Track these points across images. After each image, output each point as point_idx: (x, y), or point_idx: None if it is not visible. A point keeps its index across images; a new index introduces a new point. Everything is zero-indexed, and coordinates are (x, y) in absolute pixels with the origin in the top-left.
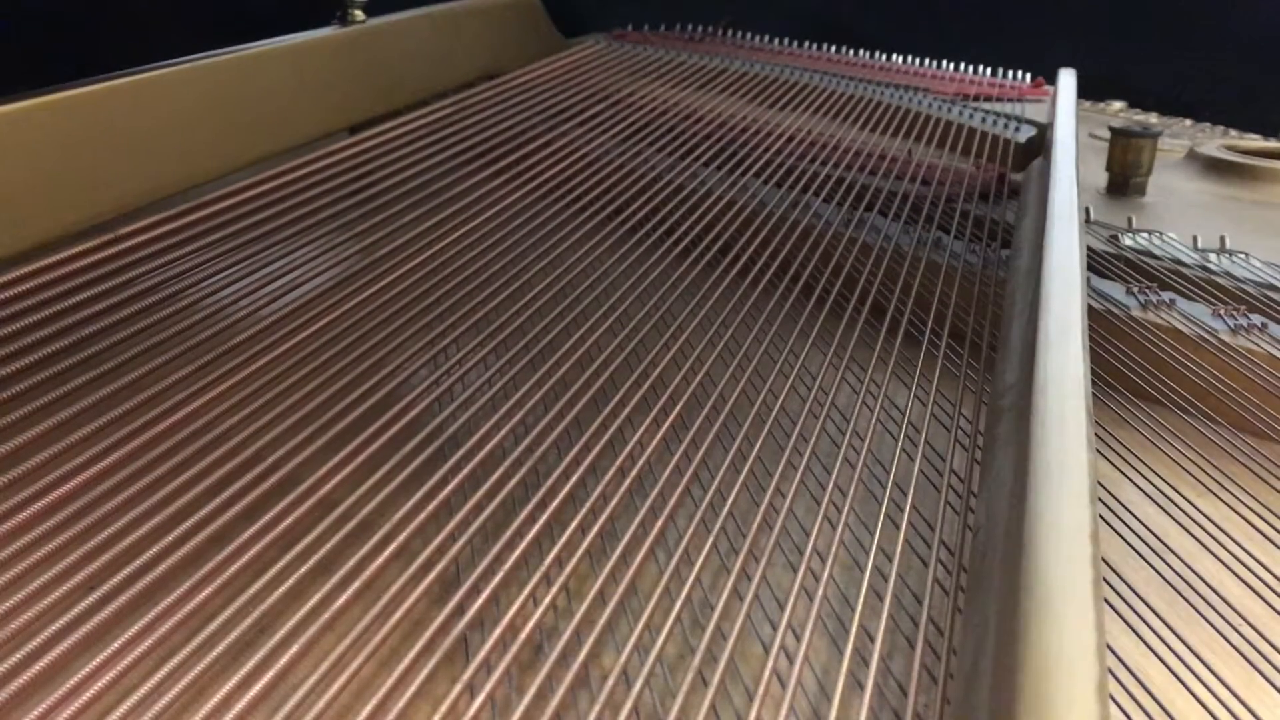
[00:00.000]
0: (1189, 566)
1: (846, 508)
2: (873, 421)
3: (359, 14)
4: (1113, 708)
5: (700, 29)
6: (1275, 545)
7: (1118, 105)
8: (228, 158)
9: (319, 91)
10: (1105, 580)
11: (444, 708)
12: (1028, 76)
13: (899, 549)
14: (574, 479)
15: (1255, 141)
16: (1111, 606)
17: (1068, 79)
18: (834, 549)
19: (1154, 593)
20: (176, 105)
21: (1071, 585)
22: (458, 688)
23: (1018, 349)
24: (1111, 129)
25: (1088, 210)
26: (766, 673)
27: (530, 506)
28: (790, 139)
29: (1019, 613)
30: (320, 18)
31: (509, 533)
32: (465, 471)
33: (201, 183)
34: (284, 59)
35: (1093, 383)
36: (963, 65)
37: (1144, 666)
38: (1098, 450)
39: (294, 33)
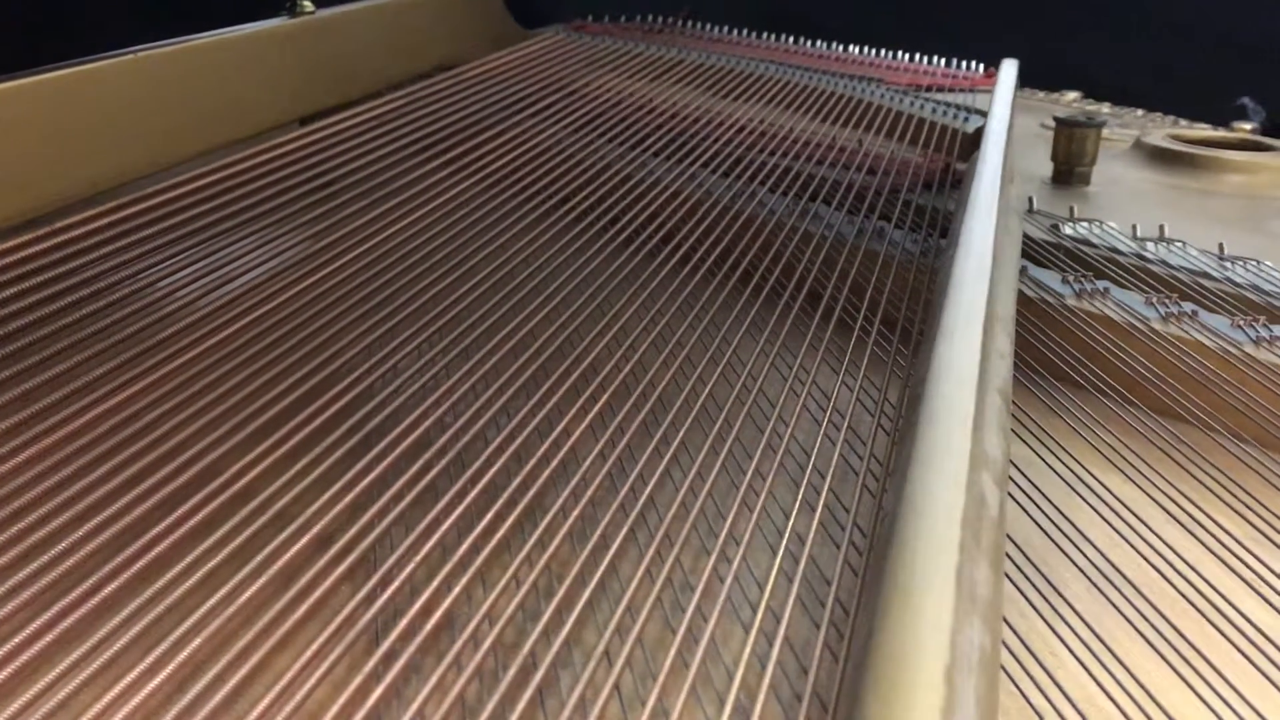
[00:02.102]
0: (1103, 555)
1: (765, 492)
2: (798, 407)
3: (308, 4)
4: (1020, 692)
5: (660, 20)
6: (1193, 533)
7: (1072, 95)
8: (172, 150)
9: (267, 83)
10: (1021, 569)
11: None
12: (981, 67)
13: (812, 532)
14: (497, 466)
15: (1202, 131)
16: (1023, 594)
17: (1009, 69)
18: (748, 533)
19: (1074, 579)
20: (121, 96)
21: (930, 570)
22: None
23: (931, 337)
24: (1056, 119)
25: (1030, 199)
26: (669, 658)
27: (449, 495)
28: (741, 129)
29: (878, 596)
30: (270, 8)
31: (426, 520)
32: (389, 460)
33: (145, 175)
34: (231, 50)
35: (1027, 371)
36: (918, 56)
37: (1059, 651)
38: (1019, 437)
39: (242, 23)
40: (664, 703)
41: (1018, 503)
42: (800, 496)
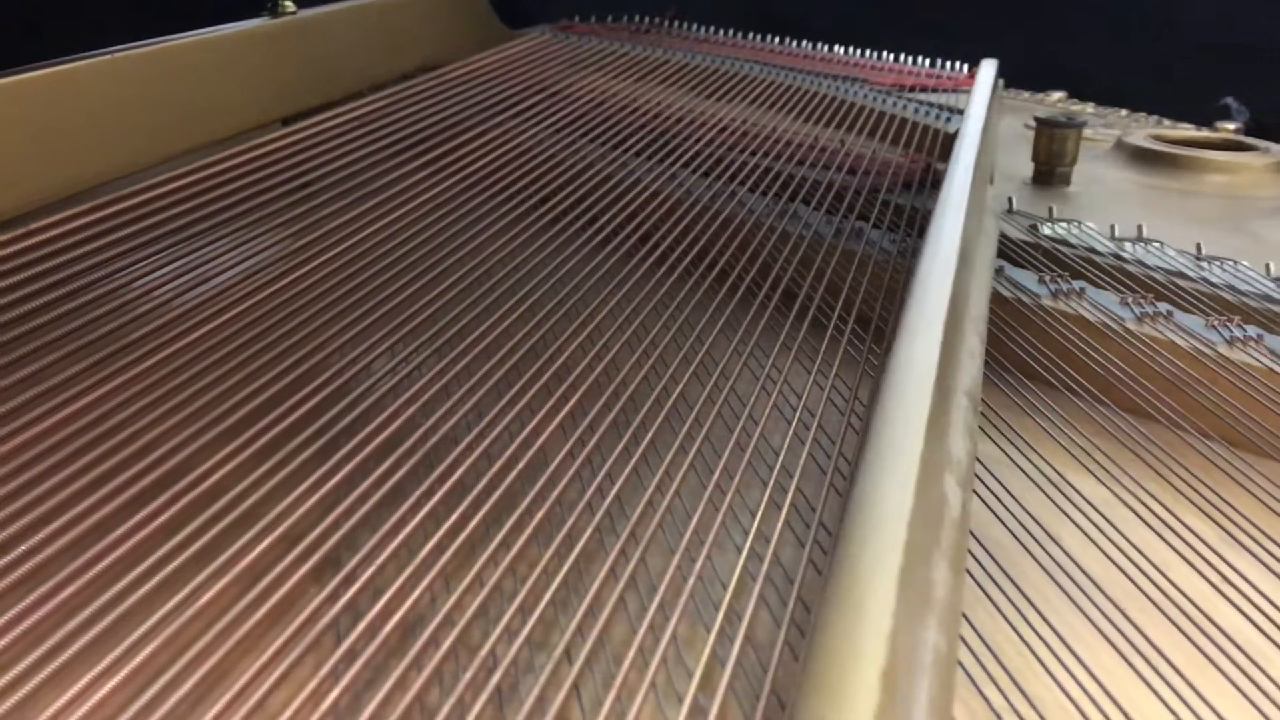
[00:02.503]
0: (1069, 556)
1: (732, 491)
2: (769, 407)
3: (289, 4)
4: (980, 693)
5: (646, 21)
6: (1162, 536)
7: (1057, 95)
8: (152, 151)
9: (248, 84)
10: (987, 570)
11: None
12: (965, 67)
13: (778, 532)
14: (465, 466)
15: (1184, 131)
16: (988, 596)
17: (987, 70)
18: (713, 532)
19: (1043, 581)
20: (101, 96)
21: (873, 571)
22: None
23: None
24: (1036, 119)
25: (1010, 200)
26: (629, 658)
27: (415, 495)
28: (723, 129)
29: (823, 596)
30: (251, 9)
31: (391, 520)
32: (357, 460)
33: (125, 175)
34: (212, 50)
35: (1000, 371)
36: (904, 56)
37: (1024, 653)
38: (989, 437)
39: (224, 23)
40: (623, 703)
41: (986, 504)
42: (767, 496)
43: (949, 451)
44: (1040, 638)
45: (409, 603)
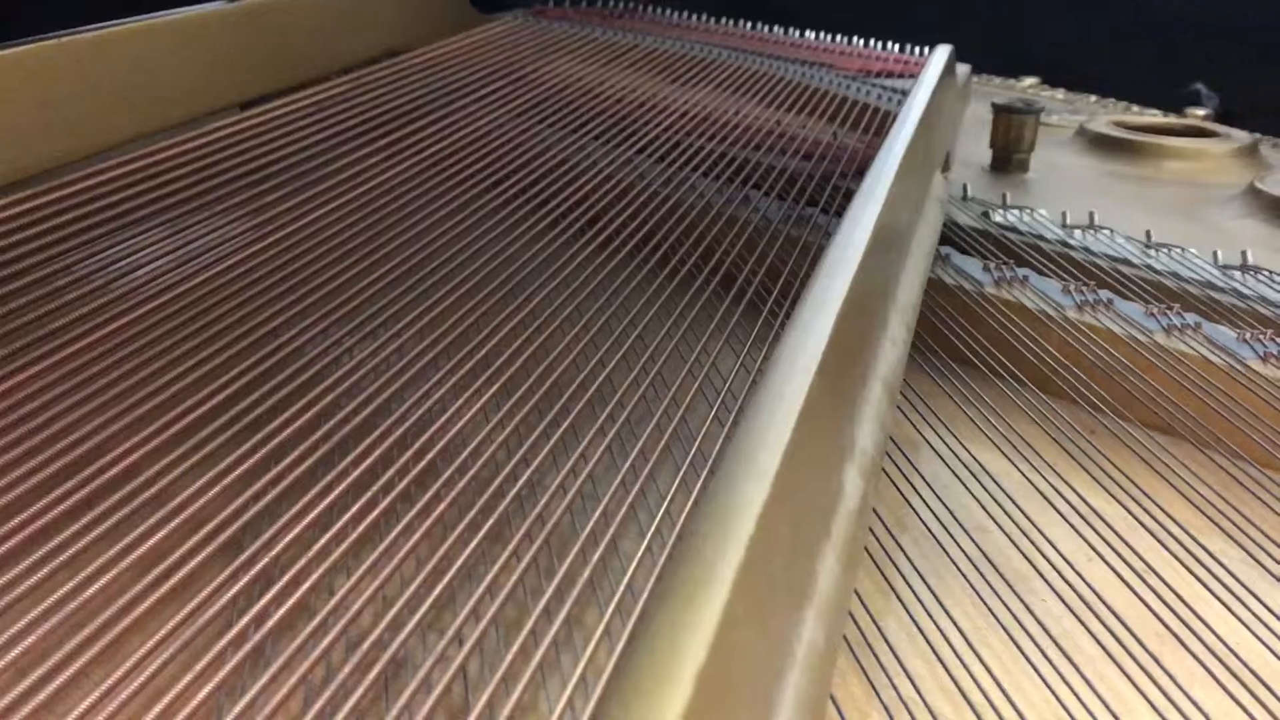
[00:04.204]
0: (976, 545)
1: (645, 473)
2: (694, 390)
3: None
4: (869, 680)
5: (621, 4)
6: (1071, 524)
7: (1029, 81)
8: (100, 136)
9: (205, 68)
10: (884, 562)
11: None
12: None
13: (684, 514)
14: (385, 447)
15: (1147, 117)
16: (910, 585)
17: (939, 54)
18: (620, 515)
19: (951, 574)
20: (51, 80)
21: (708, 568)
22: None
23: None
24: (994, 105)
25: (965, 186)
26: (543, 650)
27: (331, 476)
28: (684, 114)
29: (655, 591)
30: None
31: (302, 502)
32: (274, 444)
33: (74, 161)
34: (167, 34)
35: (932, 357)
36: (873, 42)
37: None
38: (909, 421)
39: (181, 6)
40: (508, 685)
41: (900, 491)
42: (680, 479)
43: (851, 441)
44: (934, 625)
45: (303, 588)
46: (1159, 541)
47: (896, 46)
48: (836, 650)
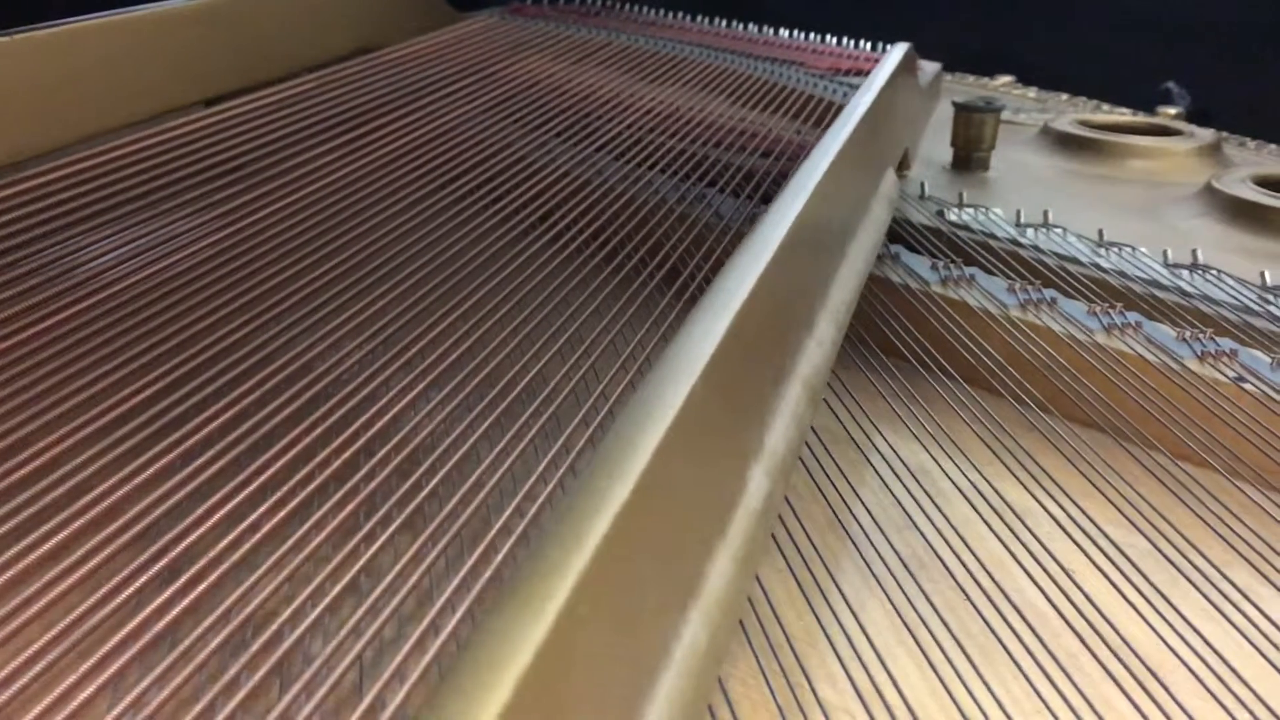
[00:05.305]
0: (871, 544)
1: (565, 466)
2: (625, 384)
3: None
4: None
5: (599, 2)
6: (983, 516)
7: (1005, 79)
8: (68, 131)
9: (173, 64)
10: (794, 560)
11: None
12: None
13: None
14: (311, 438)
15: (1112, 116)
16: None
17: (896, 51)
18: (537, 505)
19: (901, 576)
20: (19, 74)
21: (551, 569)
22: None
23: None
24: (954, 103)
25: (923, 185)
26: (440, 642)
27: (261, 464)
28: (648, 112)
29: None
30: None
31: (220, 496)
32: (196, 439)
33: (40, 155)
34: (136, 29)
35: (879, 357)
36: (846, 40)
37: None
38: (841, 422)
39: (147, 2)
40: (402, 678)
41: (821, 489)
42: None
43: (759, 440)
44: (839, 622)
45: (212, 578)
46: (1077, 544)
47: (869, 45)
48: (725, 650)
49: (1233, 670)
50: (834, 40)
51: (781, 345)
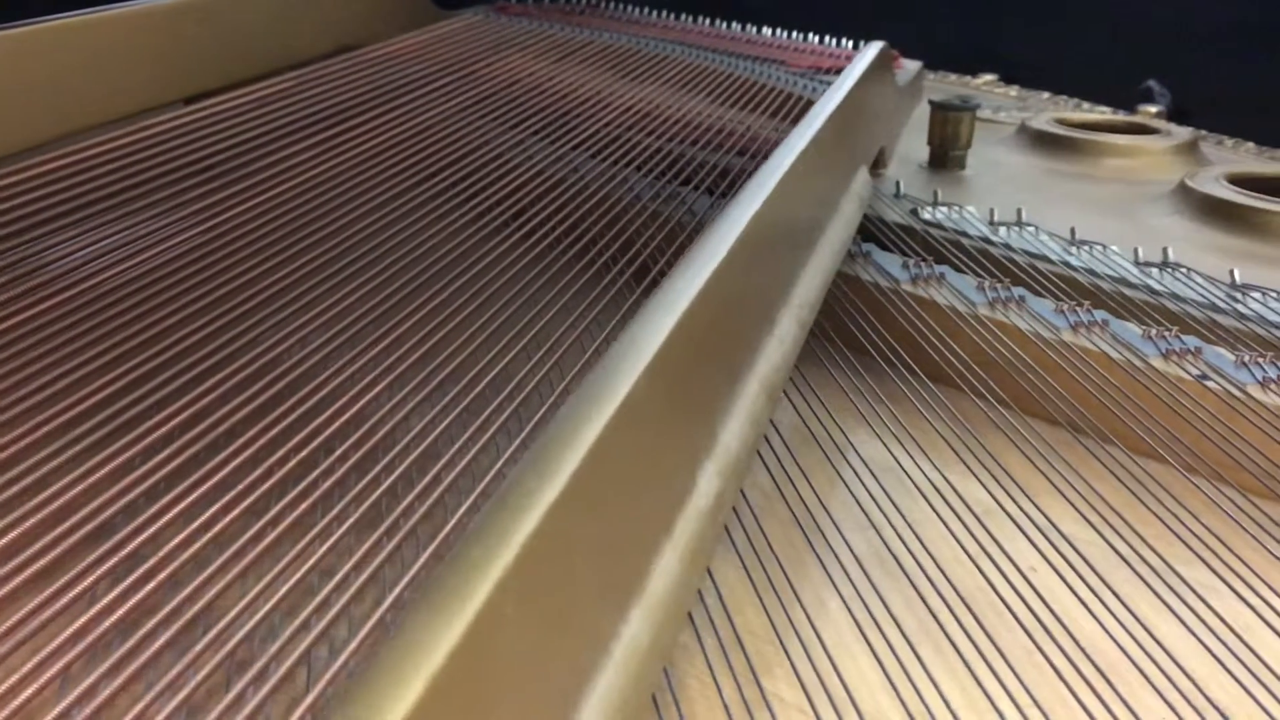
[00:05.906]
0: (838, 545)
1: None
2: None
3: None
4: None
5: (583, 1)
6: (941, 517)
7: (988, 77)
8: (44, 129)
9: (153, 62)
10: (759, 563)
11: None
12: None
13: None
14: (273, 434)
15: (1090, 114)
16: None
17: (870, 50)
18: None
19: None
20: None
21: (472, 568)
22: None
23: None
24: (931, 102)
25: (898, 183)
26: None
27: (220, 460)
28: (627, 110)
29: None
30: None
31: (176, 490)
32: (155, 437)
33: (15, 154)
34: (116, 27)
35: (845, 355)
36: (828, 39)
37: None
38: (803, 419)
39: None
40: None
41: (778, 485)
42: None
43: (711, 439)
44: (786, 622)
45: (165, 574)
46: (1034, 543)
47: (851, 44)
48: (670, 648)
49: (1181, 669)
50: (816, 39)
51: (738, 342)
